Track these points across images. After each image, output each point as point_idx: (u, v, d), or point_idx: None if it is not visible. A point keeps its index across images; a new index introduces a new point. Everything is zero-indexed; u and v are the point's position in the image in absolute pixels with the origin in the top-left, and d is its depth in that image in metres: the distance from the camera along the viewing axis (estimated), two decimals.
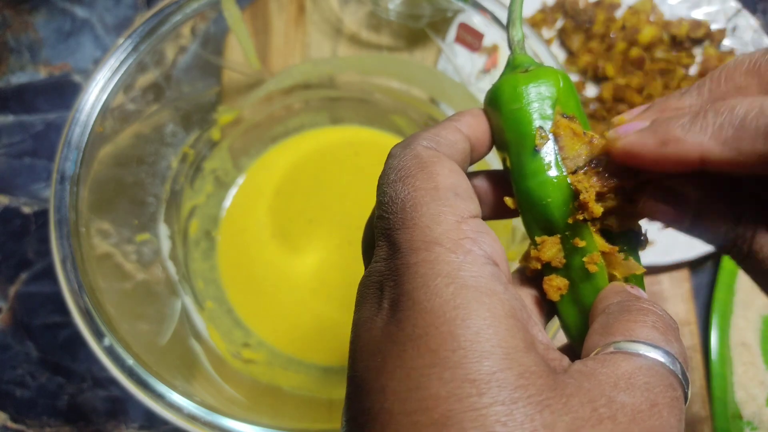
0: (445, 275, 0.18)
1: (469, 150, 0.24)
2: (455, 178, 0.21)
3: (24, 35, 0.60)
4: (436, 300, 0.18)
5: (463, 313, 0.18)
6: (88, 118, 0.39)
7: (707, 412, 0.51)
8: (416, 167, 0.21)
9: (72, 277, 0.36)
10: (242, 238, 0.53)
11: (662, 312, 0.21)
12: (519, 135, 0.23)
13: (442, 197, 0.20)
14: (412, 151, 0.22)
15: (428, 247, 0.19)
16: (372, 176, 0.54)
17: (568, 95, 0.24)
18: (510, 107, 0.24)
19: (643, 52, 0.56)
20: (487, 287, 0.18)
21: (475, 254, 0.19)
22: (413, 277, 0.19)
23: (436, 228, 0.19)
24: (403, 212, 0.20)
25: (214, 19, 0.44)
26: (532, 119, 0.23)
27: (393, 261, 0.20)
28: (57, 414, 0.52)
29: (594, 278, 0.23)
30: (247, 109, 0.52)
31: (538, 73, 0.24)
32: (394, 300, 0.19)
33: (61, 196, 0.37)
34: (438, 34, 0.53)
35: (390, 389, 0.18)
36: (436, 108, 0.53)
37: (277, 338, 0.50)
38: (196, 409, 0.34)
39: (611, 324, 0.20)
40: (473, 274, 0.19)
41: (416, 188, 0.21)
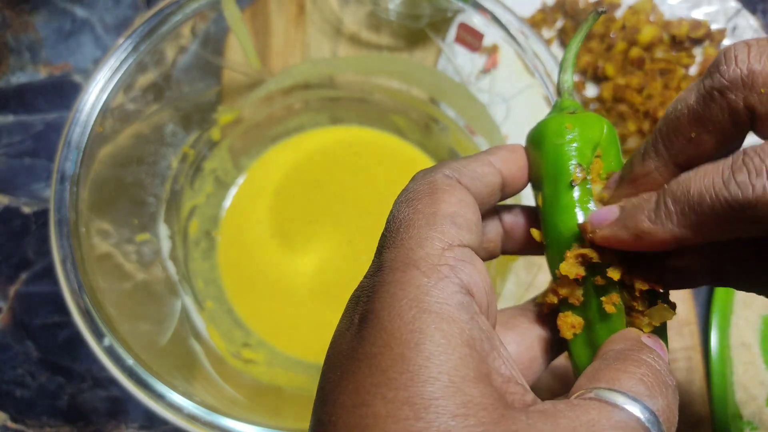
0: (411, 298, 0.19)
1: (498, 184, 0.24)
2: (459, 207, 0.21)
3: (24, 35, 0.60)
4: (396, 321, 0.18)
5: (419, 337, 0.18)
6: (88, 118, 0.39)
7: (707, 412, 0.51)
8: (426, 192, 0.22)
9: (72, 277, 0.36)
10: (242, 238, 0.53)
11: (660, 366, 0.20)
12: (557, 169, 0.24)
13: (436, 222, 0.21)
14: (430, 177, 0.23)
15: (405, 268, 0.20)
16: (372, 176, 0.54)
17: (610, 143, 0.25)
18: (554, 142, 0.24)
19: (643, 52, 0.56)
20: (449, 314, 0.18)
21: (448, 281, 0.19)
22: (383, 296, 0.19)
23: (418, 251, 0.20)
24: (397, 232, 0.21)
25: (214, 19, 0.44)
26: (572, 156, 0.24)
27: (373, 277, 0.20)
28: (57, 414, 0.52)
29: (610, 320, 0.23)
30: (247, 109, 0.52)
31: (585, 117, 0.25)
32: (364, 315, 0.20)
33: (61, 196, 0.37)
34: (438, 34, 0.53)
35: (340, 403, 0.18)
36: (436, 108, 0.53)
37: (277, 338, 0.50)
38: (196, 409, 0.34)
39: (601, 370, 0.20)
40: (439, 300, 0.19)
41: (416, 211, 0.21)
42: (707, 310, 0.54)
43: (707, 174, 0.19)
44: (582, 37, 0.26)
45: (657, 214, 0.20)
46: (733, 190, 0.18)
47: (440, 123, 0.54)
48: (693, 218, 0.19)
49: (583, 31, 0.26)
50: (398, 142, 0.55)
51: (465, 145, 0.52)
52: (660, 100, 0.55)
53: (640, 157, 0.22)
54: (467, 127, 0.51)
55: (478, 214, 0.22)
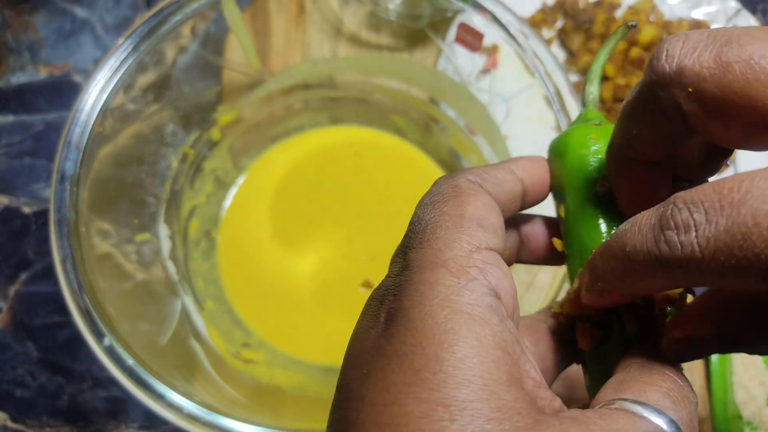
0: (442, 298, 0.19)
1: (519, 192, 0.24)
2: (485, 211, 0.21)
3: (24, 35, 0.60)
4: (428, 321, 0.18)
5: (452, 338, 0.18)
6: (88, 118, 0.39)
7: (707, 412, 0.51)
8: (451, 195, 0.22)
9: (72, 277, 0.36)
10: (242, 238, 0.53)
11: (683, 381, 0.20)
12: (582, 179, 0.24)
13: (463, 225, 0.21)
14: (454, 181, 0.22)
15: (434, 268, 0.19)
16: (372, 176, 0.54)
17: None
18: (578, 152, 0.24)
19: (643, 52, 0.56)
20: (481, 316, 0.18)
21: (477, 283, 0.19)
22: (412, 295, 0.19)
23: (447, 251, 0.20)
24: (423, 233, 0.21)
25: (214, 19, 0.44)
26: (598, 167, 0.24)
27: (399, 277, 0.20)
28: (57, 414, 0.52)
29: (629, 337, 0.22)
30: (247, 109, 0.52)
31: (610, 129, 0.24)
32: (390, 314, 0.19)
33: (61, 196, 0.37)
34: (438, 34, 0.53)
35: (368, 400, 0.18)
36: (436, 108, 0.53)
37: (277, 338, 0.50)
38: (196, 409, 0.34)
39: (626, 381, 0.20)
40: (470, 301, 0.19)
41: (442, 213, 0.21)
42: None
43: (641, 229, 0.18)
44: (610, 49, 0.26)
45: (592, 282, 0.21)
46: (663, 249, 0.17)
47: (440, 123, 0.54)
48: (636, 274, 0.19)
49: (611, 43, 0.26)
50: (398, 142, 0.55)
51: (465, 145, 0.52)
52: None
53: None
54: (467, 127, 0.51)
55: (501, 220, 0.22)
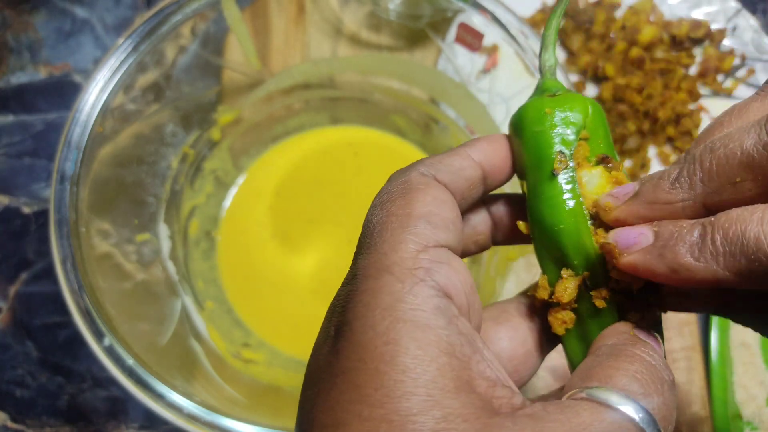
0: (384, 307, 0.18)
1: (479, 177, 0.23)
2: (434, 206, 0.21)
3: (24, 35, 0.60)
4: (370, 333, 0.18)
5: (393, 349, 0.17)
6: (88, 118, 0.39)
7: (707, 412, 0.51)
8: (399, 193, 0.21)
9: (72, 277, 0.36)
10: (242, 238, 0.53)
11: (655, 360, 0.19)
12: (538, 158, 0.23)
13: (410, 224, 0.20)
14: (405, 177, 0.22)
15: (378, 275, 0.19)
16: (372, 176, 0.54)
17: (597, 125, 0.23)
18: (533, 129, 0.23)
19: (643, 52, 0.56)
20: (425, 321, 0.18)
21: (423, 284, 0.19)
22: (356, 306, 0.19)
23: (392, 255, 0.19)
24: (371, 237, 0.20)
25: (214, 19, 0.44)
26: (554, 143, 0.23)
27: (348, 286, 0.20)
28: (57, 414, 0.52)
29: (602, 315, 0.22)
30: (247, 109, 0.52)
31: (566, 99, 0.23)
32: (338, 328, 0.19)
33: (61, 196, 0.37)
34: (438, 34, 0.53)
35: (317, 422, 0.18)
36: (436, 108, 0.53)
37: (277, 338, 0.50)
38: (196, 409, 0.34)
39: (593, 367, 0.19)
40: (414, 306, 0.18)
41: (390, 213, 0.21)
42: None
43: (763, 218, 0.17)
44: (562, 9, 0.25)
45: (702, 250, 0.18)
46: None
47: (440, 123, 0.54)
48: (743, 264, 0.17)
49: (562, 3, 0.25)
50: (398, 142, 0.55)
51: None
52: (660, 100, 0.55)
53: (670, 183, 0.20)
54: (467, 127, 0.51)
55: (456, 211, 0.22)
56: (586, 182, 0.23)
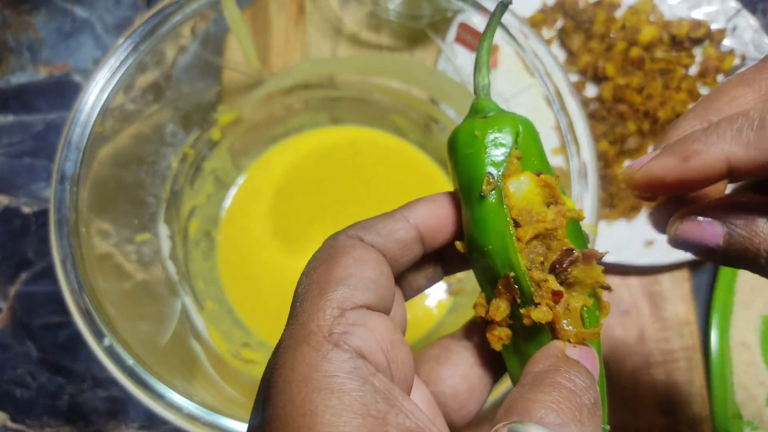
0: (300, 379, 0.19)
1: (413, 239, 0.23)
2: (355, 268, 0.21)
3: (24, 35, 0.60)
4: (288, 406, 0.19)
5: (310, 420, 0.18)
6: (88, 118, 0.39)
7: (707, 412, 0.51)
8: (324, 258, 0.22)
9: (72, 277, 0.36)
10: (242, 238, 0.53)
11: (576, 385, 0.20)
12: (469, 180, 0.23)
13: (329, 290, 0.21)
14: (333, 241, 0.23)
15: (296, 346, 0.20)
16: (372, 176, 0.54)
17: (529, 143, 0.24)
18: (464, 152, 0.24)
19: (643, 52, 0.56)
20: (338, 387, 0.18)
21: (338, 350, 0.19)
22: (276, 381, 0.19)
23: (310, 324, 0.20)
24: (294, 307, 0.21)
25: (214, 19, 0.44)
26: (484, 164, 0.23)
27: (273, 357, 0.21)
28: (57, 414, 0.52)
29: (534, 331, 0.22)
30: (247, 109, 0.52)
31: (496, 120, 0.24)
32: (264, 401, 0.20)
33: (61, 196, 0.37)
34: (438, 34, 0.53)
35: None
36: (436, 108, 0.53)
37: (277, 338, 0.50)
38: (196, 409, 0.34)
39: (515, 400, 0.19)
40: (328, 373, 0.19)
41: (311, 281, 0.21)
42: (707, 310, 0.54)
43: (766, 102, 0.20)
44: (492, 31, 0.25)
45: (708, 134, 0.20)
46: None
47: (440, 123, 0.54)
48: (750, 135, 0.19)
49: (493, 24, 0.25)
50: (398, 142, 0.55)
51: None
52: (660, 100, 0.55)
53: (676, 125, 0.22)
54: None
55: (380, 269, 0.22)
56: (514, 191, 0.23)
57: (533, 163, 0.23)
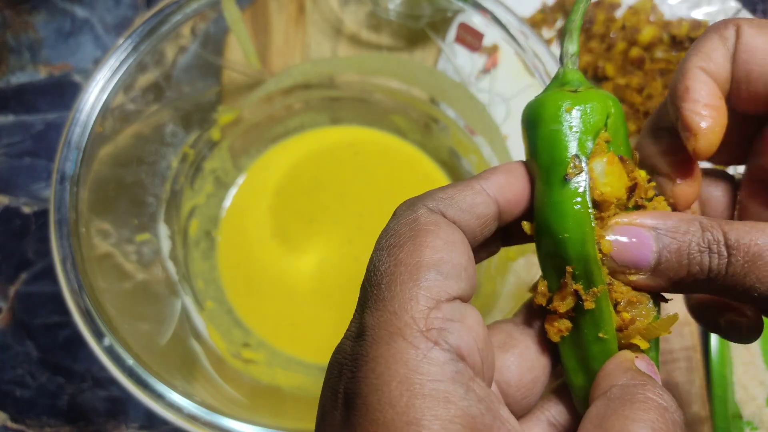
0: (400, 380, 0.17)
1: (493, 214, 0.22)
2: (446, 252, 0.19)
3: (24, 35, 0.60)
4: (389, 411, 0.17)
5: (415, 430, 0.17)
6: (88, 118, 0.39)
7: (707, 412, 0.51)
8: (407, 235, 0.20)
9: (72, 277, 0.36)
10: (242, 238, 0.53)
11: (667, 403, 0.19)
12: (552, 159, 0.22)
13: (420, 276, 0.19)
14: (413, 214, 0.20)
15: (390, 339, 0.18)
16: (372, 176, 0.54)
17: (618, 126, 0.22)
18: (549, 127, 0.22)
19: (643, 52, 0.56)
20: (444, 395, 0.17)
21: (438, 350, 0.18)
22: (368, 376, 0.18)
23: (403, 315, 0.18)
24: (379, 288, 0.19)
25: (214, 19, 0.44)
26: (569, 146, 0.21)
27: (356, 346, 0.19)
28: (57, 414, 0.52)
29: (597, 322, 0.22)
30: (247, 109, 0.52)
31: (588, 96, 0.22)
32: (350, 396, 0.18)
33: (61, 196, 0.37)
34: (438, 34, 0.53)
35: None
36: (436, 108, 0.53)
37: (277, 338, 0.50)
38: (196, 409, 0.34)
39: (608, 416, 0.19)
40: (431, 377, 0.17)
41: (398, 262, 0.19)
42: None
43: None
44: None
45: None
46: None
47: (440, 123, 0.54)
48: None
49: None
50: (398, 142, 0.55)
51: (465, 145, 0.52)
52: (660, 100, 0.55)
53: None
54: (467, 127, 0.51)
55: (467, 253, 0.20)
56: (598, 175, 0.21)
57: (620, 149, 0.22)
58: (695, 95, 0.21)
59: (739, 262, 0.20)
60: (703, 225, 0.21)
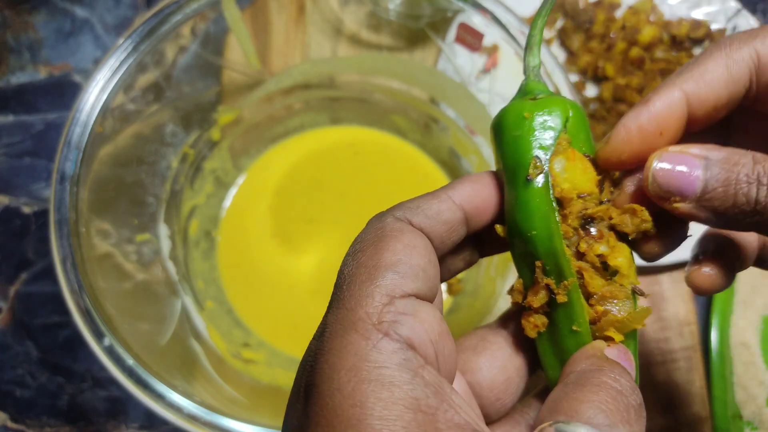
0: (349, 368, 0.18)
1: (459, 220, 0.23)
2: (404, 254, 0.21)
3: (24, 35, 0.60)
4: (337, 396, 0.18)
5: (360, 412, 0.18)
6: (88, 118, 0.39)
7: (707, 412, 0.51)
8: (372, 241, 0.21)
9: (72, 277, 0.36)
10: (242, 238, 0.53)
11: (622, 386, 0.19)
12: (516, 163, 0.23)
13: (378, 275, 0.20)
14: (380, 223, 0.22)
15: (344, 332, 0.19)
16: (372, 176, 0.54)
17: (578, 128, 0.23)
18: (512, 133, 0.23)
19: (643, 52, 0.56)
20: (389, 379, 0.18)
21: (387, 339, 0.19)
22: (323, 368, 0.19)
23: (358, 310, 0.19)
24: (341, 289, 0.20)
25: (214, 19, 0.44)
26: (531, 148, 0.22)
27: (317, 342, 0.20)
28: (57, 414, 0.52)
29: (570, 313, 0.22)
30: (247, 109, 0.52)
31: (547, 102, 0.23)
32: (308, 387, 0.19)
33: (61, 196, 0.37)
34: (438, 34, 0.53)
35: None
36: (436, 108, 0.53)
37: (277, 338, 0.50)
38: (196, 409, 0.34)
39: (561, 399, 0.19)
40: (378, 364, 0.18)
41: (359, 264, 0.21)
42: (707, 310, 0.54)
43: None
44: (547, 10, 0.24)
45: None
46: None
47: (440, 123, 0.54)
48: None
49: (548, 4, 0.24)
50: (398, 142, 0.55)
51: (465, 145, 0.52)
52: None
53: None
54: (467, 127, 0.51)
55: (428, 256, 0.21)
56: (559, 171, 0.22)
57: (581, 149, 0.23)
58: (644, 111, 0.22)
59: None
60: (756, 158, 0.21)
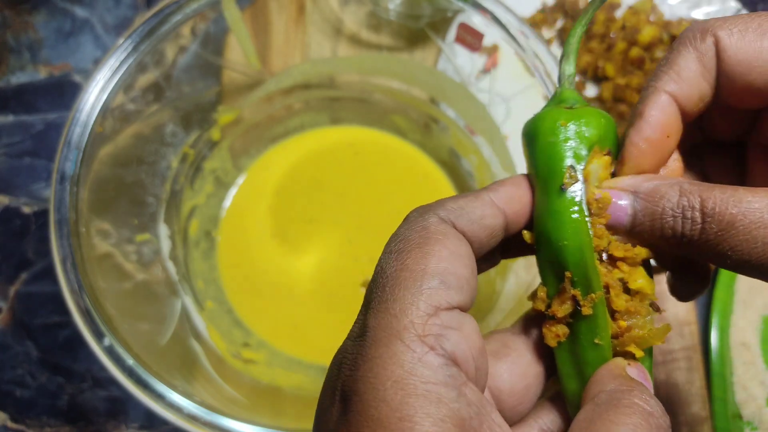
0: (396, 379, 0.18)
1: (500, 226, 0.23)
2: (451, 263, 0.20)
3: (24, 35, 0.60)
4: (383, 408, 0.18)
5: (408, 426, 0.17)
6: (88, 118, 0.39)
7: (707, 412, 0.51)
8: (416, 242, 0.21)
9: (72, 277, 0.36)
10: (242, 238, 0.53)
11: (652, 408, 0.20)
12: (549, 170, 0.23)
13: (424, 283, 0.20)
14: (423, 222, 0.21)
15: (389, 341, 0.19)
16: (372, 176, 0.54)
17: (611, 141, 0.23)
18: (546, 140, 0.23)
19: (643, 52, 0.56)
20: (436, 395, 0.18)
21: (434, 354, 0.19)
22: (366, 376, 0.19)
23: (403, 318, 0.19)
24: (383, 290, 0.20)
25: (214, 19, 0.44)
26: (565, 157, 0.23)
27: (357, 345, 0.20)
28: (57, 414, 0.52)
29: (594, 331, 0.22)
30: (247, 109, 0.52)
31: (583, 112, 0.23)
32: (346, 393, 0.19)
33: (61, 196, 0.37)
34: (438, 34, 0.53)
35: None
36: (436, 108, 0.53)
37: (277, 338, 0.50)
38: (196, 409, 0.34)
39: (594, 420, 0.19)
40: (425, 379, 0.18)
41: (404, 267, 0.20)
42: (707, 310, 0.54)
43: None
44: (587, 20, 0.25)
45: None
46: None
47: (440, 123, 0.54)
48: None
49: (588, 13, 0.24)
50: (398, 142, 0.55)
51: (465, 145, 0.52)
52: None
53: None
54: (467, 127, 0.51)
55: (471, 266, 0.21)
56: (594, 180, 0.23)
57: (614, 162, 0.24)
58: (644, 124, 0.22)
59: (713, 229, 0.20)
60: (683, 190, 0.21)
